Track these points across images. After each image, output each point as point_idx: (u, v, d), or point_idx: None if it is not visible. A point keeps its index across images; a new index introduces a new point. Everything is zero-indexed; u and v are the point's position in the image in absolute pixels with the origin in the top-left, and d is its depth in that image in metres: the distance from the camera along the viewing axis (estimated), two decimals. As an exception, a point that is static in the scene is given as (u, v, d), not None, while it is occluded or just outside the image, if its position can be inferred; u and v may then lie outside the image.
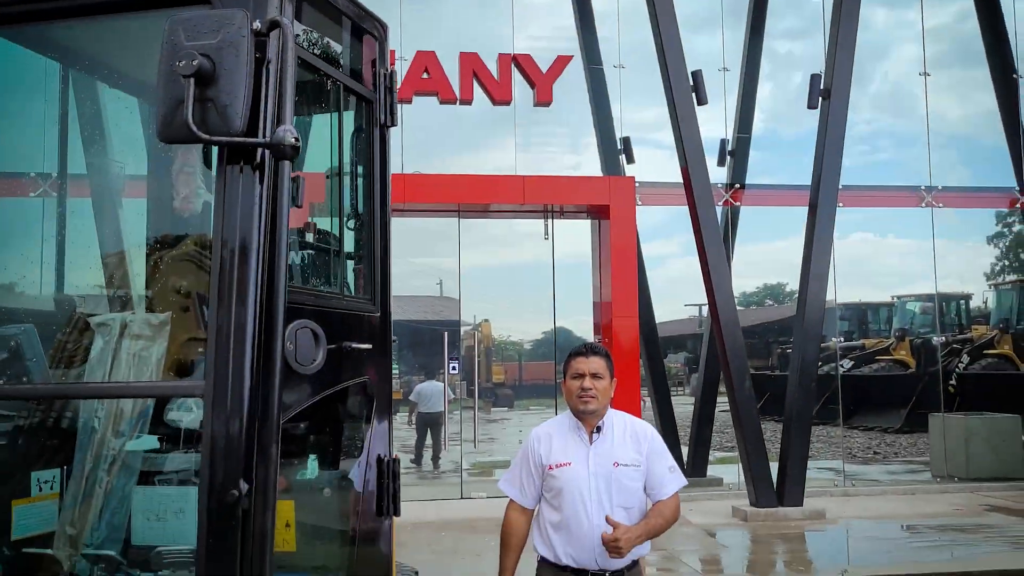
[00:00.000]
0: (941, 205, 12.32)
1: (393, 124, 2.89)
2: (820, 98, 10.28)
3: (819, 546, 8.31)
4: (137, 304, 2.95)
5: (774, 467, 9.77)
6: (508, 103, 11.32)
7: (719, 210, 11.87)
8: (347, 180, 2.82)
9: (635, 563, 3.49)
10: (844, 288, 18.06)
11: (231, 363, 2.12)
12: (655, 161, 12.10)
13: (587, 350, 3.57)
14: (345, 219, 2.80)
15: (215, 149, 2.91)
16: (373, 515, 2.67)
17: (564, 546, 3.41)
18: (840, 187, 10.70)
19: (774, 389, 15.33)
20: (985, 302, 21.42)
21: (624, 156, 12.51)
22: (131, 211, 3.17)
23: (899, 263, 21.28)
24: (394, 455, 2.82)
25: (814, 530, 8.92)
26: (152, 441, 2.47)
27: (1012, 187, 12.66)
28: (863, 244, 16.70)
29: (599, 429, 3.48)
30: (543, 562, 3.48)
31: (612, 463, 3.44)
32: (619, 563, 3.39)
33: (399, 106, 7.41)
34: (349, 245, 2.82)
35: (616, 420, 3.57)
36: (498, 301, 13.48)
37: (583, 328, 12.07)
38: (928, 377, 17.35)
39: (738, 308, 10.75)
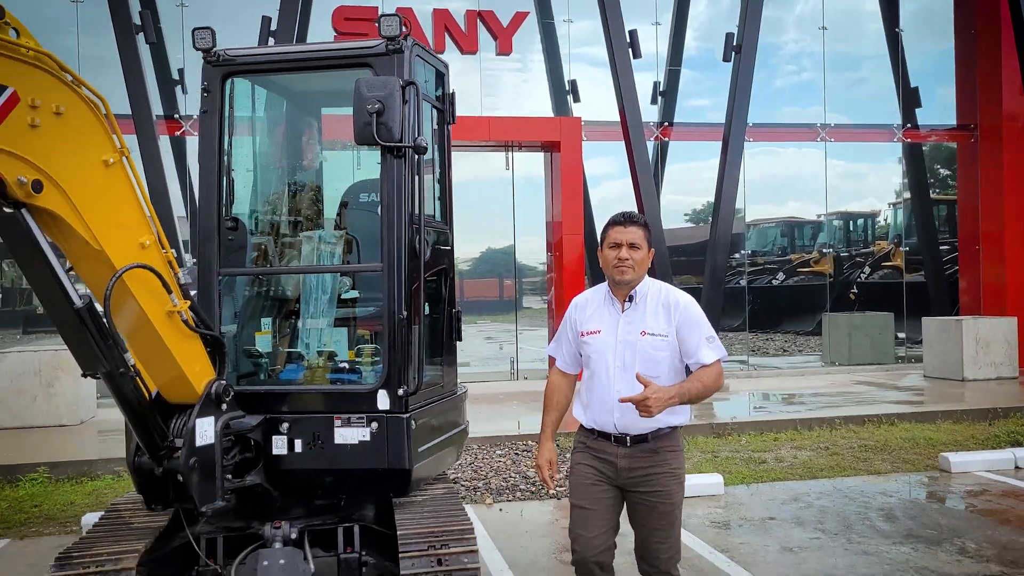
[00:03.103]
0: (833, 140, 14.79)
1: (453, 122, 5.03)
2: (733, 53, 12.50)
3: (720, 408, 10.86)
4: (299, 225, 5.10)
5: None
6: (475, 53, 13.30)
7: (651, 144, 14.13)
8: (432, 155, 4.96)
9: (666, 431, 3.48)
10: (788, 207, 20.37)
11: (395, 254, 4.29)
12: (598, 100, 13.97)
13: (625, 219, 3.51)
14: (435, 177, 4.95)
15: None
16: (451, 337, 4.93)
17: (590, 410, 3.53)
18: (751, 124, 13.06)
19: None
20: (885, 219, 24.29)
21: (572, 96, 14.62)
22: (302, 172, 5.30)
23: (836, 183, 23.17)
24: (457, 309, 5.05)
25: (719, 399, 11.49)
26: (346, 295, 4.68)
27: (891, 124, 15.24)
28: (806, 164, 18.20)
29: (631, 298, 3.48)
30: (580, 427, 3.64)
31: (640, 332, 3.44)
32: (640, 428, 3.42)
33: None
34: (435, 191, 4.98)
35: (652, 290, 3.52)
36: (468, 223, 15.59)
37: (538, 245, 14.31)
38: (837, 286, 20.23)
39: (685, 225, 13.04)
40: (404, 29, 4.40)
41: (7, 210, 3.18)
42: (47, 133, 3.21)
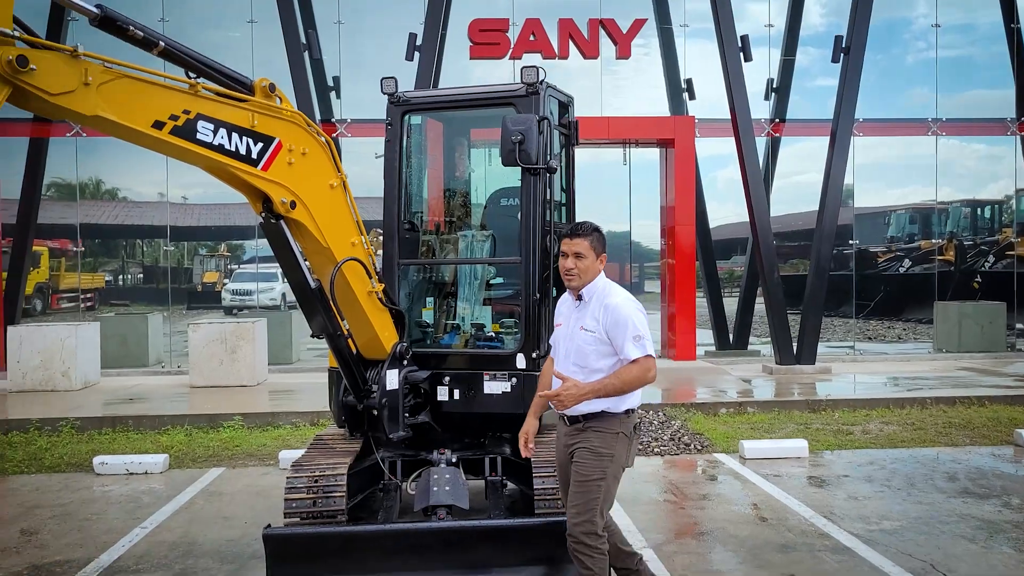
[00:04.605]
0: (944, 134, 15.19)
1: (576, 143, 6.29)
2: (842, 54, 13.19)
3: (819, 387, 11.74)
4: (458, 226, 6.49)
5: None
6: (596, 58, 14.48)
7: (763, 141, 14.95)
8: (560, 171, 6.23)
9: (597, 413, 3.87)
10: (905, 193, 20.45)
11: (531, 250, 5.60)
12: (712, 96, 14.69)
13: (572, 232, 3.99)
14: (561, 187, 6.23)
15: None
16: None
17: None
18: (861, 119, 13.76)
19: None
20: (1011, 208, 23.92)
21: (687, 94, 15.57)
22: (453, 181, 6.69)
23: (975, 166, 22.65)
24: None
25: (820, 380, 12.34)
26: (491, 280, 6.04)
27: (1004, 117, 15.47)
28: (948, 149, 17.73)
29: (581, 298, 4.00)
30: None
31: (579, 327, 3.94)
32: (574, 410, 3.85)
33: (512, 62, 11.30)
34: (561, 198, 6.26)
35: (597, 292, 3.97)
36: (585, 206, 16.79)
37: (654, 229, 15.37)
38: (957, 275, 20.34)
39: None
40: (540, 76, 5.65)
41: (273, 221, 4.67)
42: (298, 167, 4.67)
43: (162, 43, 3.99)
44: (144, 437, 9.22)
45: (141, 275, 22.20)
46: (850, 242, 16.03)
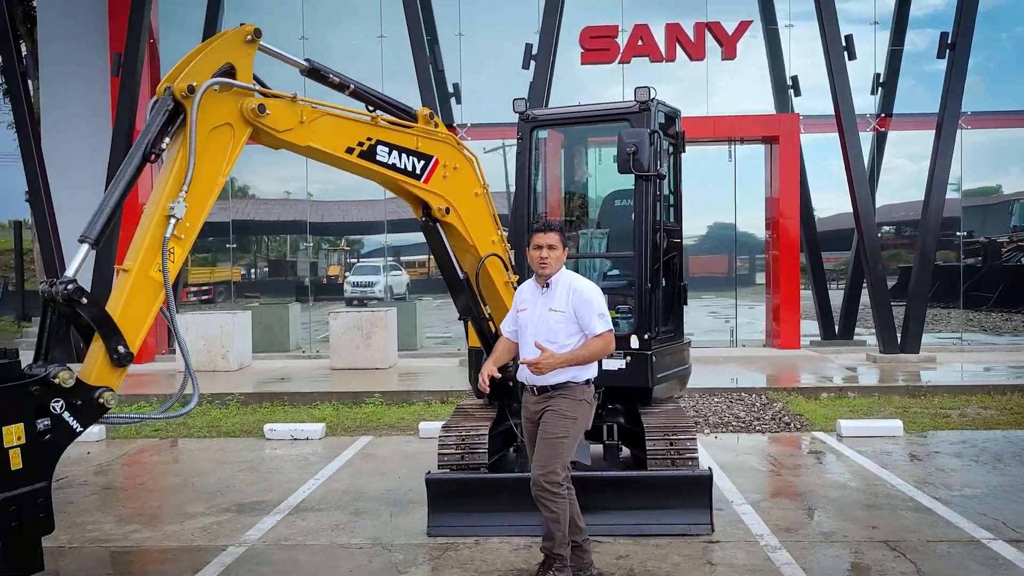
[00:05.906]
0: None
1: (683, 151, 7.11)
2: (947, 50, 13.42)
3: (922, 375, 12.11)
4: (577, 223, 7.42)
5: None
6: (702, 59, 15.11)
7: (869, 135, 15.25)
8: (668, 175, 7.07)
9: (571, 386, 4.57)
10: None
11: (643, 245, 6.47)
12: (819, 86, 14.78)
13: (544, 227, 4.70)
14: (669, 189, 7.07)
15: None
16: (680, 303, 7.05)
17: (520, 368, 4.72)
18: (968, 112, 13.97)
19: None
20: None
21: (793, 91, 15.97)
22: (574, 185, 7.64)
23: None
24: (684, 283, 7.14)
25: (923, 368, 12.69)
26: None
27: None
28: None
29: (548, 285, 4.66)
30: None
31: (548, 309, 4.60)
32: (543, 380, 4.53)
33: (621, 67, 12.23)
34: (670, 200, 7.10)
35: (563, 278, 4.67)
36: (691, 196, 17.31)
37: (758, 223, 15.85)
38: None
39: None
40: (651, 94, 6.50)
41: (431, 224, 5.71)
42: (451, 180, 5.69)
43: (352, 86, 5.08)
44: (299, 410, 10.54)
45: (267, 268, 23.76)
46: (956, 233, 16.08)
